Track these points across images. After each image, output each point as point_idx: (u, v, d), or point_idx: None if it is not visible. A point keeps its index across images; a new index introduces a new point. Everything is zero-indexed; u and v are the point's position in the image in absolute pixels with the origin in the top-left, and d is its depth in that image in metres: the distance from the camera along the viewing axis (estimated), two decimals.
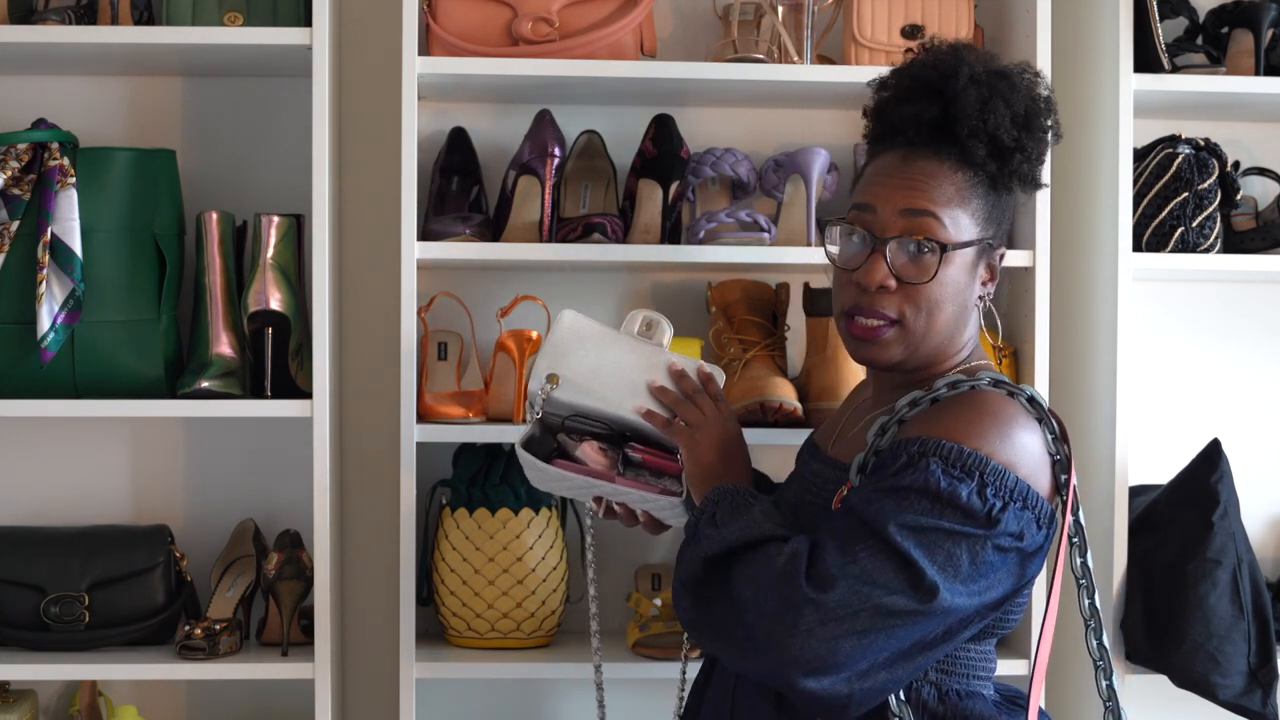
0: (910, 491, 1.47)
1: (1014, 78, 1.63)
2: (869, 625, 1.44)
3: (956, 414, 1.53)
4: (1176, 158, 2.32)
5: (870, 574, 1.44)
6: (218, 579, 2.33)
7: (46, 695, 2.42)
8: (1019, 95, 1.62)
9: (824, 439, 1.78)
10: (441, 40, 2.28)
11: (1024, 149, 1.62)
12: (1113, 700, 1.63)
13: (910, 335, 1.61)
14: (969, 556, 1.46)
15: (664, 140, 2.36)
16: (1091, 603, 1.62)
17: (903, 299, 1.60)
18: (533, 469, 1.78)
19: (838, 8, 2.41)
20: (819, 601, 1.44)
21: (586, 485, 1.76)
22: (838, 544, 1.47)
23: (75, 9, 2.24)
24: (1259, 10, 2.36)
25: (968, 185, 1.61)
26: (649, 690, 2.36)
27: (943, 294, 1.60)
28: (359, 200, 2.46)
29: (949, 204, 1.60)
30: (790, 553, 1.48)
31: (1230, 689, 2.18)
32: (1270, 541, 2.57)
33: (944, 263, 1.59)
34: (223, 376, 2.19)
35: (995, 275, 1.66)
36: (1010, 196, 1.67)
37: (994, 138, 1.60)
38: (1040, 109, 1.64)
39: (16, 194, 2.16)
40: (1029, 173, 1.64)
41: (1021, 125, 1.61)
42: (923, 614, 1.45)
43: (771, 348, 2.36)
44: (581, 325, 1.82)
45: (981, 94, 1.60)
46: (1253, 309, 2.57)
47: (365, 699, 2.48)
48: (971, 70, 1.61)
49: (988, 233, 1.63)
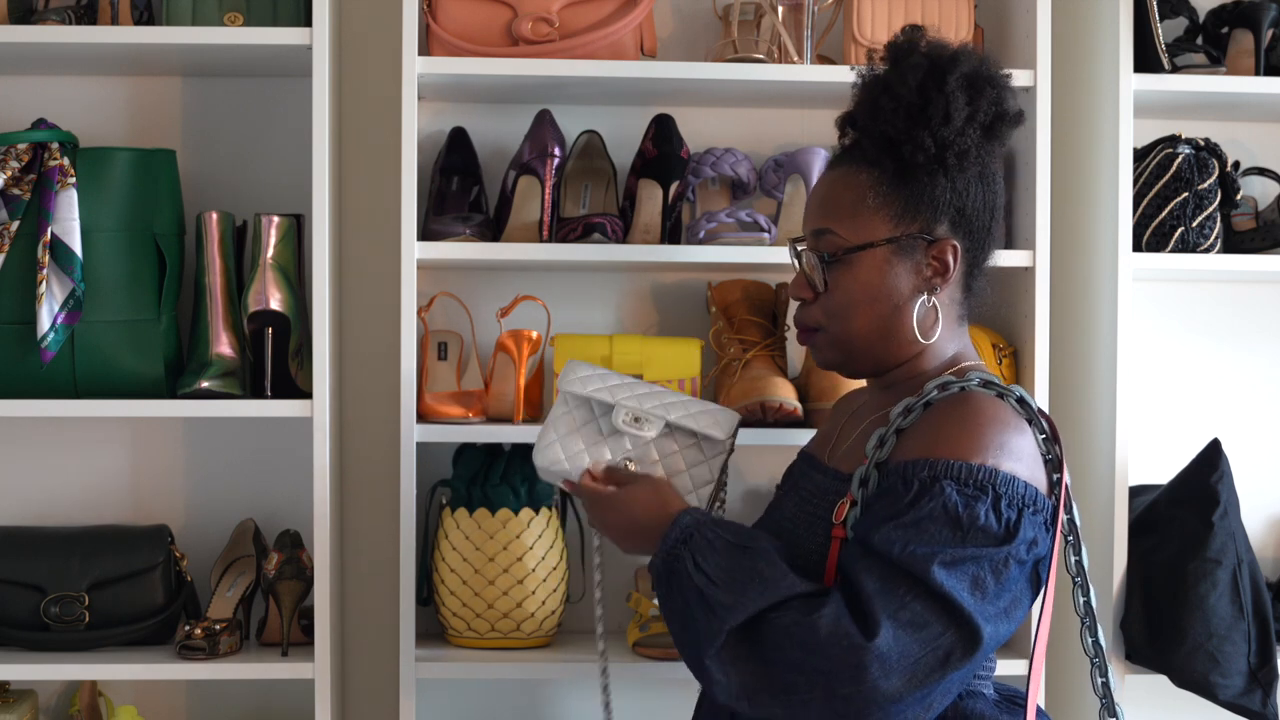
0: (931, 521, 1.47)
1: (905, 68, 1.60)
2: (929, 669, 1.45)
3: (955, 425, 1.53)
4: (1176, 158, 2.32)
5: (922, 619, 1.45)
6: (218, 579, 2.33)
7: (46, 695, 2.42)
8: (906, 85, 1.59)
9: (820, 449, 1.78)
10: (441, 40, 2.28)
11: (914, 139, 1.58)
12: (1108, 697, 1.64)
13: (834, 340, 1.66)
14: (993, 577, 1.47)
15: (664, 140, 2.36)
16: (1086, 600, 1.62)
17: (819, 309, 1.67)
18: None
19: (838, 8, 2.41)
20: (879, 653, 1.43)
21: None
22: (879, 589, 1.45)
23: (75, 9, 2.24)
24: (1259, 10, 2.36)
25: (867, 186, 1.62)
26: (649, 690, 2.36)
27: (853, 298, 1.63)
28: (359, 200, 2.46)
29: (844, 212, 1.63)
30: (832, 613, 1.45)
31: (1230, 689, 2.18)
32: (1270, 541, 2.57)
33: (843, 267, 1.63)
34: (223, 376, 2.19)
35: (947, 267, 1.62)
36: (941, 180, 1.61)
37: (881, 132, 1.61)
38: (933, 95, 1.58)
39: (16, 194, 2.16)
40: (940, 153, 1.59)
41: (910, 113, 1.59)
42: (973, 651, 1.47)
43: (771, 348, 2.36)
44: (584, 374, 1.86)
45: (869, 93, 1.63)
46: (1253, 309, 2.57)
47: (365, 699, 2.48)
48: (872, 73, 1.64)
49: (908, 228, 1.62)
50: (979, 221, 1.64)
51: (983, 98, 1.60)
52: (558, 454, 1.79)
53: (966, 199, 1.63)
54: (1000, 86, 1.62)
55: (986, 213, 1.65)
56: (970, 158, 1.61)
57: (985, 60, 1.63)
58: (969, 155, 1.61)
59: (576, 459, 1.79)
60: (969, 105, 1.59)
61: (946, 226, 1.63)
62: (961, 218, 1.63)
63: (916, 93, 1.58)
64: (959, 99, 1.58)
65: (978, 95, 1.60)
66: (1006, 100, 1.63)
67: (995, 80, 1.62)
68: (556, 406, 1.85)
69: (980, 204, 1.64)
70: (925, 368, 1.65)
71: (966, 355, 1.67)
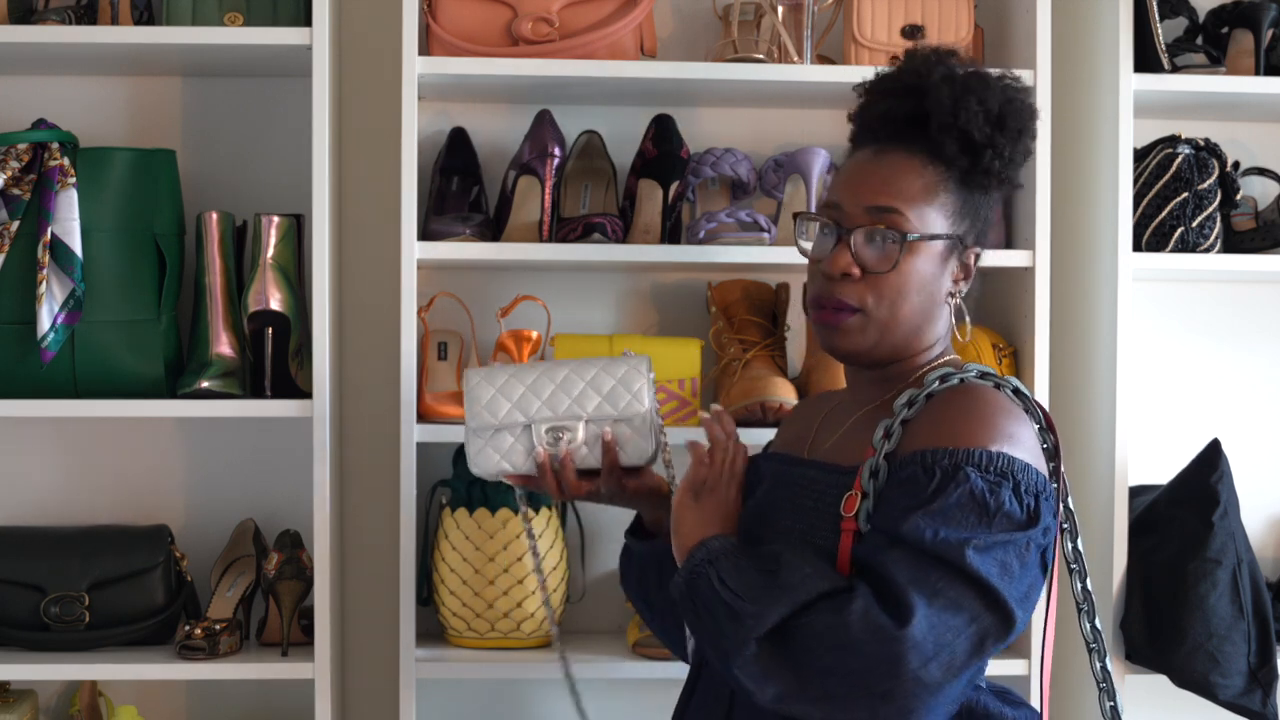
0: (958, 508, 1.47)
1: (990, 79, 1.64)
2: (966, 654, 1.45)
3: (965, 414, 1.54)
4: (1176, 158, 2.32)
5: (957, 603, 1.45)
6: (218, 579, 2.33)
7: (46, 695, 2.42)
8: (993, 94, 1.62)
9: (794, 447, 1.76)
10: (441, 40, 2.28)
11: (995, 146, 1.61)
12: (1107, 682, 1.64)
13: (874, 324, 1.63)
14: (1018, 561, 1.48)
15: (664, 140, 2.36)
16: (1084, 586, 1.63)
17: (866, 288, 1.62)
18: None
19: (838, 8, 2.41)
20: (915, 641, 1.42)
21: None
22: (911, 576, 1.45)
23: (75, 9, 2.24)
24: (1259, 10, 2.36)
25: (937, 180, 1.62)
26: (649, 690, 2.36)
27: (907, 285, 1.61)
28: (359, 200, 2.46)
29: (914, 198, 1.62)
30: (861, 608, 1.44)
31: (1230, 689, 2.18)
32: (1270, 541, 2.57)
33: (907, 252, 1.60)
34: (223, 376, 2.19)
35: (969, 274, 1.66)
36: (986, 196, 1.66)
37: (965, 132, 1.61)
38: (1015, 110, 1.63)
39: (16, 194, 2.16)
40: (1002, 171, 1.63)
41: (994, 122, 1.61)
42: (1007, 633, 1.48)
43: (771, 348, 2.36)
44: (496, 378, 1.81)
45: (954, 90, 1.62)
46: (1253, 309, 2.57)
47: (365, 699, 2.48)
48: (948, 69, 1.63)
49: (959, 229, 1.63)
50: (985, 234, 1.70)
51: (1028, 132, 1.67)
52: (491, 456, 1.79)
53: (990, 212, 1.68)
54: (1036, 120, 1.69)
55: (988, 228, 1.71)
56: (1016, 180, 1.68)
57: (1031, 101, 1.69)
58: (1016, 178, 1.68)
59: (511, 454, 1.79)
60: (1027, 135, 1.66)
61: (975, 235, 1.67)
62: (984, 228, 1.68)
63: (1000, 105, 1.62)
64: (1027, 121, 1.65)
65: (1029, 126, 1.67)
66: (1032, 140, 1.70)
67: (1036, 113, 1.68)
68: (470, 416, 1.80)
69: (991, 219, 1.70)
70: (918, 364, 1.67)
71: (949, 352, 1.71)
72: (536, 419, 1.77)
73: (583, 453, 1.77)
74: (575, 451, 1.76)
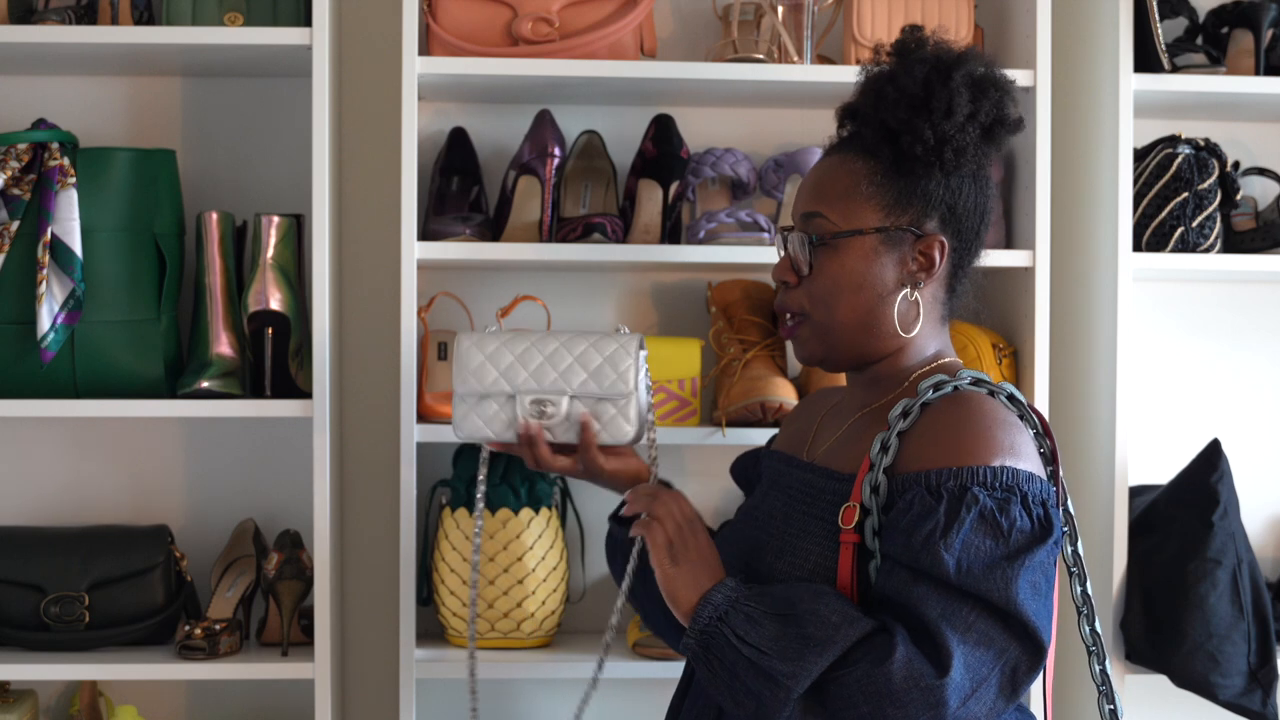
0: (974, 534, 1.46)
1: (914, 64, 1.61)
2: (999, 687, 1.45)
3: (963, 428, 1.52)
4: (1176, 158, 2.32)
5: (987, 636, 1.44)
6: (218, 579, 2.33)
7: (46, 695, 2.42)
8: (912, 78, 1.60)
9: (793, 447, 1.75)
10: (441, 40, 2.28)
11: (914, 130, 1.59)
12: (1106, 685, 1.64)
13: (817, 328, 1.64)
14: (1044, 577, 1.47)
15: (664, 140, 2.36)
16: (1084, 590, 1.63)
17: (803, 294, 1.65)
18: None
19: (838, 8, 2.41)
20: (956, 685, 1.42)
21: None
22: (942, 613, 1.44)
23: (75, 9, 2.24)
24: (1259, 10, 2.36)
25: (865, 172, 1.62)
26: (649, 690, 2.36)
27: (836, 284, 1.62)
28: (359, 200, 2.46)
29: (838, 197, 1.63)
30: (903, 657, 1.43)
31: (1230, 689, 2.18)
32: (1270, 541, 2.57)
33: (831, 251, 1.62)
34: (223, 376, 2.19)
35: (933, 262, 1.62)
36: (940, 181, 1.62)
37: (882, 121, 1.61)
38: (942, 89, 1.59)
39: (16, 194, 2.16)
40: (932, 153, 1.60)
41: (914, 106, 1.59)
42: (1039, 660, 1.47)
43: (771, 348, 2.36)
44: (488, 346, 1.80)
45: (873, 84, 1.63)
46: (1253, 309, 2.57)
47: (365, 699, 2.48)
48: (878, 67, 1.65)
49: (897, 219, 1.61)
50: (969, 222, 1.65)
51: (985, 98, 1.61)
52: (475, 422, 1.78)
53: (959, 198, 1.63)
54: (1003, 91, 1.63)
55: (977, 215, 1.65)
56: (967, 156, 1.61)
57: (991, 64, 1.64)
58: (966, 153, 1.61)
59: (493, 422, 1.78)
60: (971, 104, 1.60)
61: (936, 223, 1.63)
62: (952, 216, 1.63)
63: (921, 85, 1.59)
64: (962, 95, 1.59)
65: (981, 95, 1.61)
66: (1008, 105, 1.64)
67: (999, 84, 1.63)
68: (458, 381, 1.79)
69: (971, 205, 1.64)
70: (907, 364, 1.65)
71: (946, 353, 1.68)
72: (522, 390, 1.76)
73: (563, 428, 1.76)
74: (555, 426, 1.76)
